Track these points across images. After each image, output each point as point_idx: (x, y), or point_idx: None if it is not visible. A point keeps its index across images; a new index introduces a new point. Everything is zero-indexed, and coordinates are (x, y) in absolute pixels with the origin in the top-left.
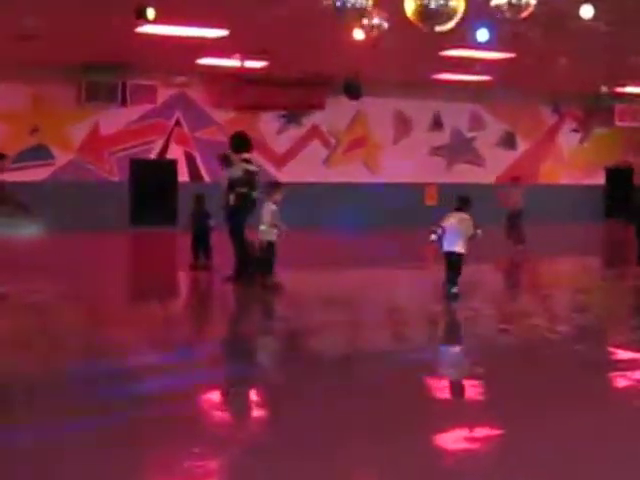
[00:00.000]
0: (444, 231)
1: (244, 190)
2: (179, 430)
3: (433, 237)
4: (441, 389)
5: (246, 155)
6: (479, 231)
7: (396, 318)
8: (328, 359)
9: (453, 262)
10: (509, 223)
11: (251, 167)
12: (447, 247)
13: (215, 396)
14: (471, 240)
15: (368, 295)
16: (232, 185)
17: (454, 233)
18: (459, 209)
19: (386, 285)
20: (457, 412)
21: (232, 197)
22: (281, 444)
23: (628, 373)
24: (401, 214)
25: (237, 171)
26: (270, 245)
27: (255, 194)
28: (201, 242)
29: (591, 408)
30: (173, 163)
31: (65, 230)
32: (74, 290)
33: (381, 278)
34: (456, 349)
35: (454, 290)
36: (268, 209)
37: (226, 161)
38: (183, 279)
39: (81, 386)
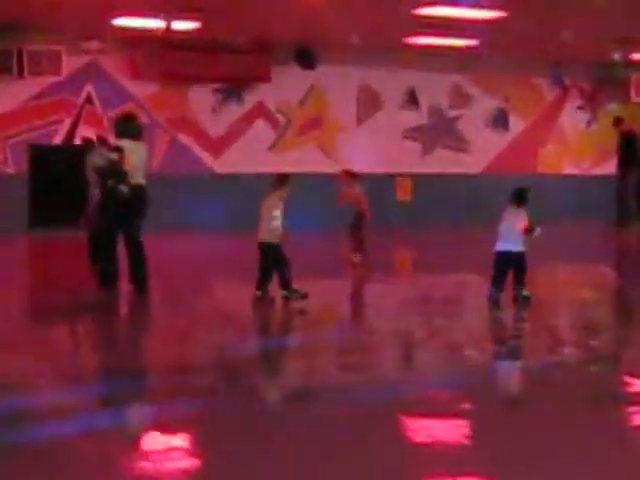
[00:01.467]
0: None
1: (111, 183)
2: None
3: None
4: (414, 428)
5: (123, 142)
6: (538, 229)
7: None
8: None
9: (517, 261)
10: (351, 226)
11: (112, 155)
12: (507, 247)
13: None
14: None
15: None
16: (100, 178)
17: (515, 231)
18: (518, 204)
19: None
20: (435, 459)
21: (96, 192)
22: None
23: None
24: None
25: (100, 160)
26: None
27: (125, 188)
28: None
29: (599, 455)
30: (83, 150)
31: None
32: None
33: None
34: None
35: (525, 293)
36: (272, 207)
37: (86, 147)
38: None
39: None
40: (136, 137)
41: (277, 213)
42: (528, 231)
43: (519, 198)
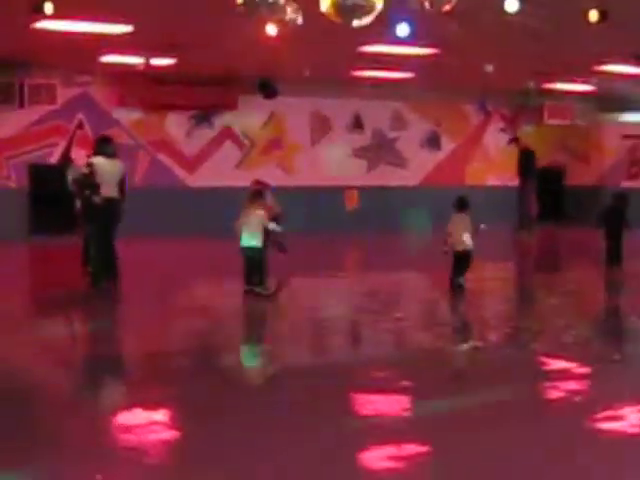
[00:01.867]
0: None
1: (87, 193)
2: (82, 454)
3: (446, 249)
4: (363, 403)
5: (97, 159)
6: (482, 225)
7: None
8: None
9: (464, 258)
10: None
11: (84, 169)
12: (460, 246)
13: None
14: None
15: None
16: (77, 189)
17: (463, 233)
18: (461, 210)
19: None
20: (381, 429)
21: (78, 202)
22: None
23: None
24: (319, 219)
25: (73, 173)
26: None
27: (97, 199)
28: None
29: (522, 423)
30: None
31: None
32: None
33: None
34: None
35: (461, 281)
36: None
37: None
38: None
39: None
40: (110, 156)
41: (272, 225)
42: (475, 230)
43: (462, 205)
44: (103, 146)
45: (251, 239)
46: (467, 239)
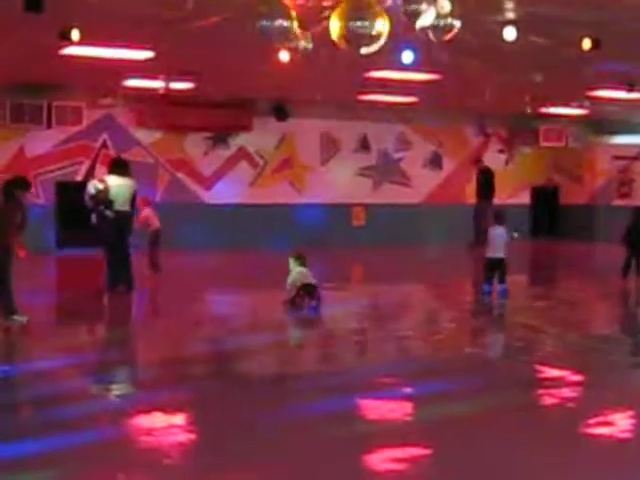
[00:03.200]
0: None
1: (101, 208)
2: (105, 455)
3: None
4: (367, 409)
5: (110, 177)
6: (515, 234)
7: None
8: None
9: (498, 265)
10: (148, 246)
11: (99, 185)
12: (493, 254)
13: (141, 420)
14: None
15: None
16: (94, 204)
17: (498, 243)
18: (498, 223)
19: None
20: (387, 432)
21: (93, 216)
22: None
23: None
24: (329, 235)
25: (90, 188)
26: None
27: (109, 213)
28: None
29: (518, 428)
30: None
31: None
32: None
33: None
34: (382, 369)
35: (504, 286)
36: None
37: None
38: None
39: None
40: (122, 174)
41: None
42: (511, 239)
43: (499, 218)
44: (116, 166)
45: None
46: (501, 249)
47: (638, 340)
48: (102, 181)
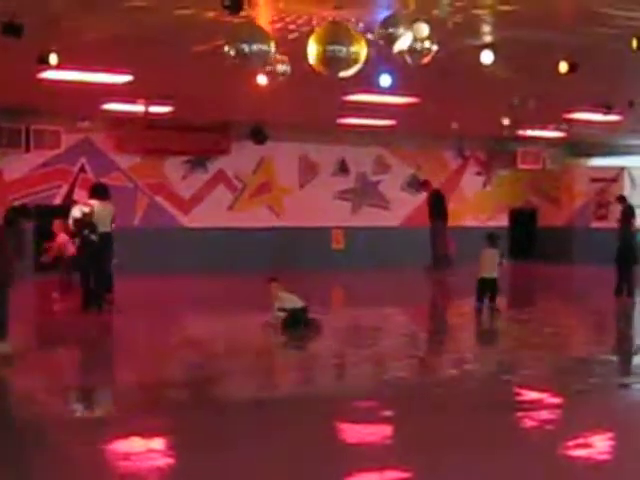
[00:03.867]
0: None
1: (86, 232)
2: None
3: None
4: (347, 433)
5: (93, 201)
6: (504, 260)
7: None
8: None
9: (490, 284)
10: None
11: (85, 208)
12: (486, 274)
13: (119, 445)
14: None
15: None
16: (78, 228)
17: (491, 263)
18: (490, 245)
19: None
20: (367, 455)
21: (78, 240)
22: None
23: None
24: (308, 258)
25: (76, 212)
26: None
27: (95, 237)
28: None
29: (498, 450)
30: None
31: None
32: None
33: None
34: (362, 392)
35: (494, 305)
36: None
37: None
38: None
39: None
40: (103, 199)
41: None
42: (500, 263)
43: (492, 240)
44: (97, 191)
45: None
46: (493, 269)
47: (618, 361)
48: (87, 205)
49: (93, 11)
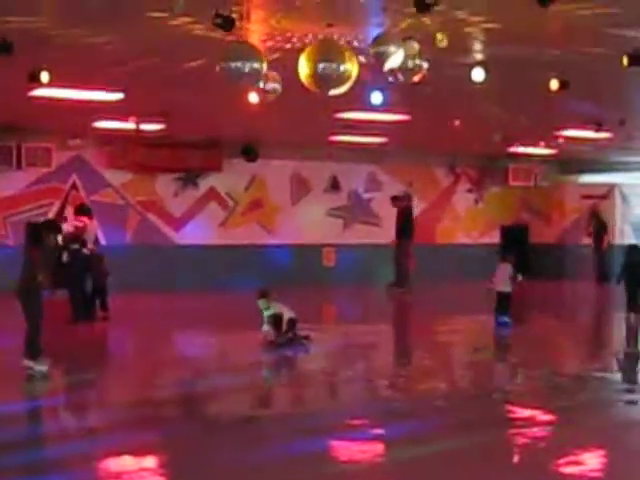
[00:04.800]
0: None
1: (76, 246)
2: None
3: (490, 286)
4: (341, 450)
5: (83, 218)
6: (518, 275)
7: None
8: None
9: (504, 298)
10: None
11: (78, 223)
12: (500, 288)
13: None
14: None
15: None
16: (65, 242)
17: (504, 278)
18: (504, 260)
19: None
20: (358, 474)
21: (65, 254)
22: None
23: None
24: (299, 275)
25: (69, 227)
26: None
27: (86, 251)
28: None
29: (489, 467)
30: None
31: None
32: None
33: None
34: (353, 410)
35: (506, 319)
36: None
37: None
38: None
39: None
40: (90, 217)
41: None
42: (514, 278)
43: (505, 256)
44: (84, 210)
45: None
46: (506, 283)
47: (611, 379)
48: (80, 220)
49: (84, 29)
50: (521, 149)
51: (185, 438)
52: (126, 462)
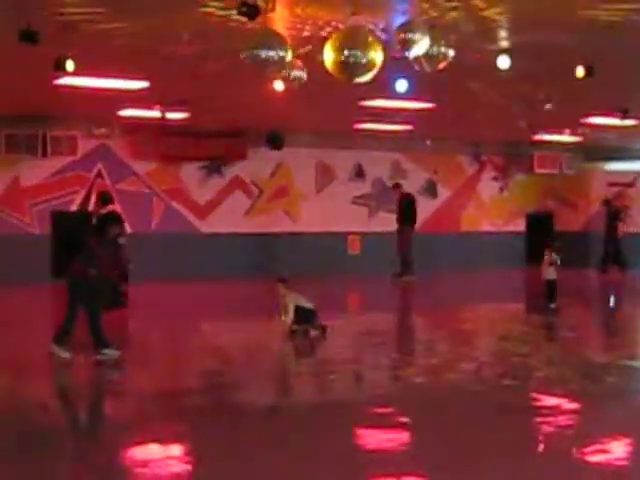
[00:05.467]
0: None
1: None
2: None
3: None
4: (368, 439)
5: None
6: (557, 260)
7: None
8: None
9: (552, 285)
10: None
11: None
12: (547, 276)
13: (138, 451)
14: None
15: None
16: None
17: (549, 266)
18: (547, 247)
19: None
20: (384, 462)
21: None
22: None
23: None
24: (324, 263)
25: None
26: None
27: (122, 240)
28: None
29: (515, 455)
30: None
31: None
32: None
33: None
34: (379, 398)
35: (553, 305)
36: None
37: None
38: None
39: None
40: (113, 204)
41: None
42: (555, 263)
43: (549, 243)
44: (109, 198)
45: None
46: (549, 271)
47: (636, 366)
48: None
49: (110, 17)
50: (547, 136)
51: (211, 427)
52: (152, 450)
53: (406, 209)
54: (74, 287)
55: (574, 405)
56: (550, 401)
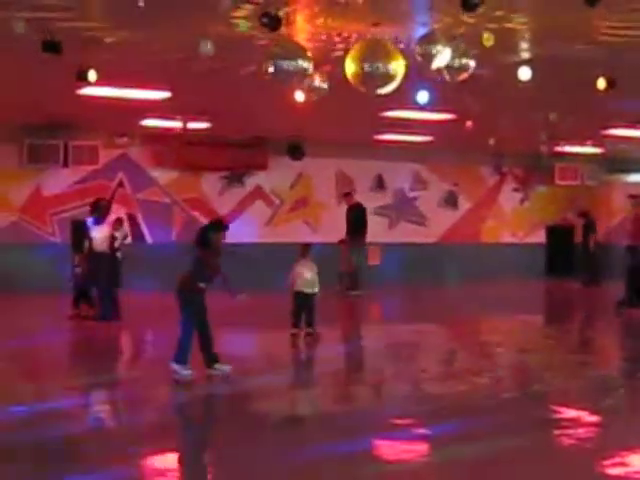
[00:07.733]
0: None
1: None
2: None
3: None
4: (383, 451)
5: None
6: None
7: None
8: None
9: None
10: None
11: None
12: None
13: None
14: None
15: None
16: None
17: None
18: None
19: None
20: (402, 475)
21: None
22: None
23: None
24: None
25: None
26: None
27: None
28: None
29: (535, 467)
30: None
31: (6, 292)
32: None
33: None
34: (397, 409)
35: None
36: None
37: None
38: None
39: None
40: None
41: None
42: None
43: None
44: (103, 207)
45: (312, 285)
46: None
47: None
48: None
49: (132, 28)
50: (568, 148)
51: (227, 437)
52: (169, 460)
53: (355, 219)
54: (186, 302)
55: (594, 418)
56: (570, 414)
